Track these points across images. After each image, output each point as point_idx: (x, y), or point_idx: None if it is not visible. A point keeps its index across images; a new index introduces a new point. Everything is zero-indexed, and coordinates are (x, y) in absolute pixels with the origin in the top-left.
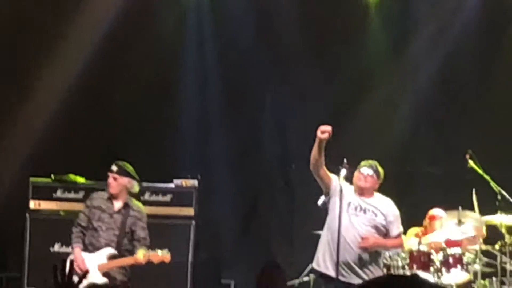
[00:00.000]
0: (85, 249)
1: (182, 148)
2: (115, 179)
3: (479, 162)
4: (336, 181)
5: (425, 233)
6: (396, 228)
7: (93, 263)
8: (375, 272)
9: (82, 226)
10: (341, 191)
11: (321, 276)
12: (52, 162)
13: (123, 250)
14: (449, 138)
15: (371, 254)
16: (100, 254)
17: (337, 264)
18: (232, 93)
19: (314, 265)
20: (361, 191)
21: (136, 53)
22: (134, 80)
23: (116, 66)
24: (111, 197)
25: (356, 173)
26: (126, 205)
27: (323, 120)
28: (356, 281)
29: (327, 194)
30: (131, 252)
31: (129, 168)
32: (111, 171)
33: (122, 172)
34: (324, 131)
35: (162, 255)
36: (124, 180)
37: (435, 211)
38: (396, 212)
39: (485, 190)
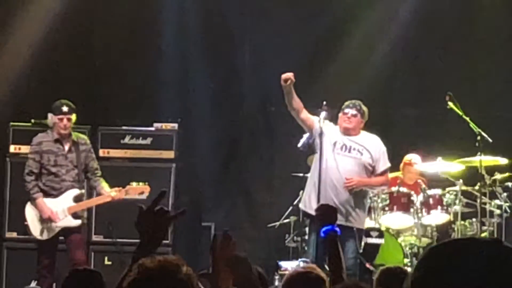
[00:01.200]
0: (46, 194)
1: (162, 92)
2: (69, 119)
3: (458, 103)
4: (319, 123)
5: (403, 178)
6: (383, 164)
7: (61, 207)
8: (360, 214)
9: (35, 173)
10: (321, 134)
11: (306, 216)
12: (31, 107)
13: (81, 187)
14: (429, 79)
15: (356, 196)
16: (65, 197)
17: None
18: (211, 35)
19: (301, 205)
20: (347, 131)
21: None
22: (113, 24)
23: (95, 10)
24: (60, 138)
25: (340, 114)
26: (73, 142)
27: (302, 62)
28: (341, 222)
29: (311, 136)
30: (87, 186)
31: (72, 103)
32: (65, 113)
33: (72, 110)
34: (286, 79)
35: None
36: (73, 117)
37: (411, 156)
38: (383, 148)
39: (465, 131)
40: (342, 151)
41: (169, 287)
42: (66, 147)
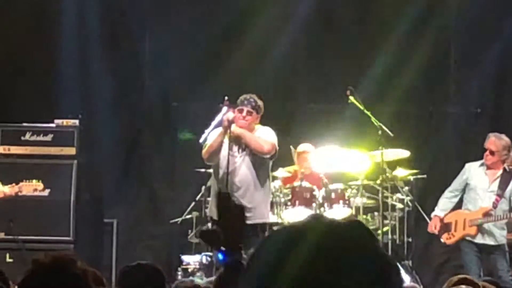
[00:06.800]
0: None
1: (63, 88)
2: None
3: (359, 98)
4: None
5: (299, 168)
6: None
7: None
8: (265, 213)
9: None
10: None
11: (211, 219)
12: None
13: None
14: (330, 74)
15: (258, 195)
16: None
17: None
18: (112, 30)
19: (207, 210)
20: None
21: None
22: (12, 18)
23: None
24: None
25: (235, 111)
26: None
27: (204, 57)
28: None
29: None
30: None
31: None
32: None
33: None
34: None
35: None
36: None
37: (303, 146)
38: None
39: (366, 126)
40: (238, 153)
41: (63, 281)
42: None
